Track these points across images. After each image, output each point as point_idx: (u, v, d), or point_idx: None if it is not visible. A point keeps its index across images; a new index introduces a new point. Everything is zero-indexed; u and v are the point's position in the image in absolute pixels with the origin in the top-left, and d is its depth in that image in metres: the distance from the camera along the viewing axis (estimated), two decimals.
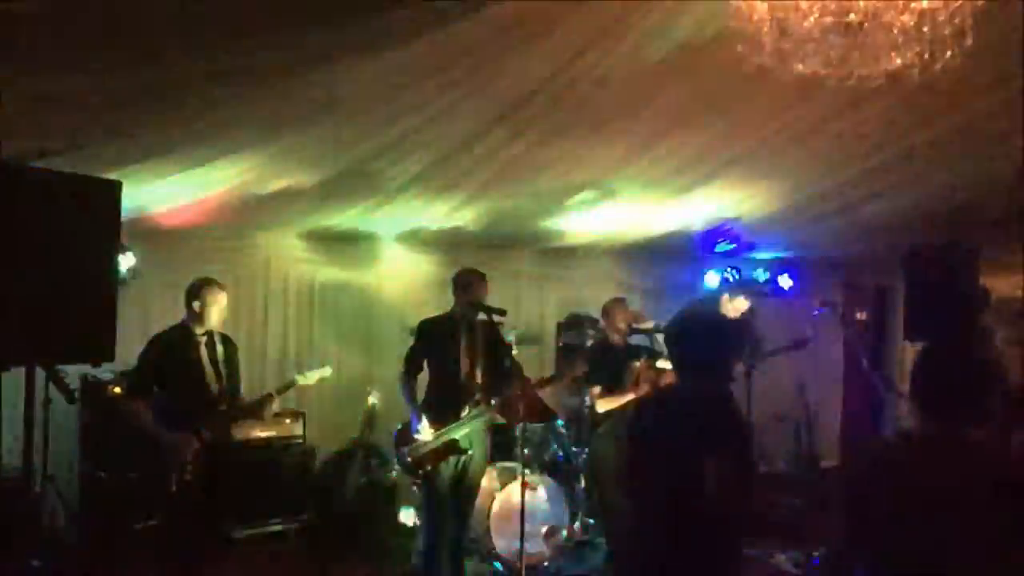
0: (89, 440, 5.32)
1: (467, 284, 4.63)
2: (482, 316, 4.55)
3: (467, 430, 4.53)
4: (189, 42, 2.83)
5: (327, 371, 4.80)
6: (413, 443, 4.52)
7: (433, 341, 4.64)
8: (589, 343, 5.50)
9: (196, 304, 4.24)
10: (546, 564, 5.27)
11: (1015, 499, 2.09)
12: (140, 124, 3.62)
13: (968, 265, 4.64)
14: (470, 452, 4.54)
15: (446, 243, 6.52)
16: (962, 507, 2.09)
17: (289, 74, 3.24)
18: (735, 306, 6.18)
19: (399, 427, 4.80)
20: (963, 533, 2.09)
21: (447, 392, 4.57)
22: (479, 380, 4.59)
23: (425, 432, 4.47)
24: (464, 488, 4.60)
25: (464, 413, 4.53)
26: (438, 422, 4.50)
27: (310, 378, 4.66)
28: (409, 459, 4.54)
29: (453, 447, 4.49)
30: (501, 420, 4.80)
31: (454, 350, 4.57)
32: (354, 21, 2.85)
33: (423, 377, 4.72)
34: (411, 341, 4.79)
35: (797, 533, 5.55)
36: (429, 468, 4.48)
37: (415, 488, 5.08)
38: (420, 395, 4.67)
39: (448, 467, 4.51)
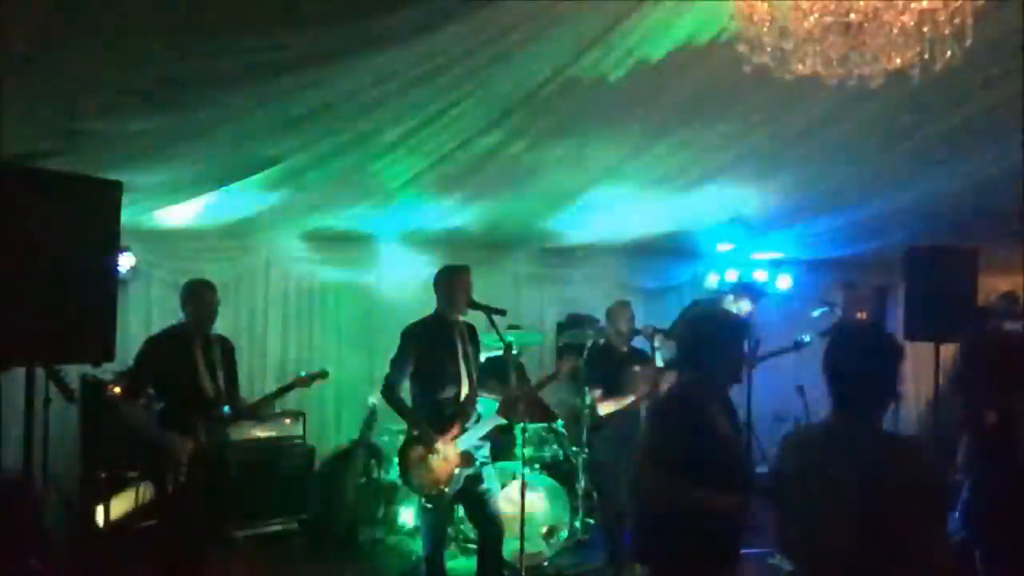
0: (89, 440, 5.32)
1: (451, 280, 4.37)
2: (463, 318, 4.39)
3: (476, 437, 4.37)
4: (189, 42, 2.83)
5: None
6: (428, 466, 4.22)
7: (425, 347, 4.34)
8: (588, 343, 5.49)
9: (189, 306, 4.25)
10: (546, 564, 5.27)
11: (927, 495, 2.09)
12: (140, 124, 3.62)
13: (968, 265, 4.65)
14: (480, 462, 4.37)
15: (446, 243, 6.52)
16: (873, 500, 2.07)
17: (290, 74, 3.24)
18: (738, 308, 6.22)
19: (400, 446, 4.49)
20: (875, 526, 2.06)
21: (448, 401, 4.34)
22: (473, 384, 4.41)
23: (443, 447, 4.22)
24: (478, 493, 4.35)
25: (470, 421, 4.35)
26: (441, 433, 4.26)
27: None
28: (432, 490, 4.25)
29: (468, 459, 4.30)
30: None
31: (451, 355, 4.34)
32: (354, 21, 2.85)
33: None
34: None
35: None
36: (446, 488, 4.26)
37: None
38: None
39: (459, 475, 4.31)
